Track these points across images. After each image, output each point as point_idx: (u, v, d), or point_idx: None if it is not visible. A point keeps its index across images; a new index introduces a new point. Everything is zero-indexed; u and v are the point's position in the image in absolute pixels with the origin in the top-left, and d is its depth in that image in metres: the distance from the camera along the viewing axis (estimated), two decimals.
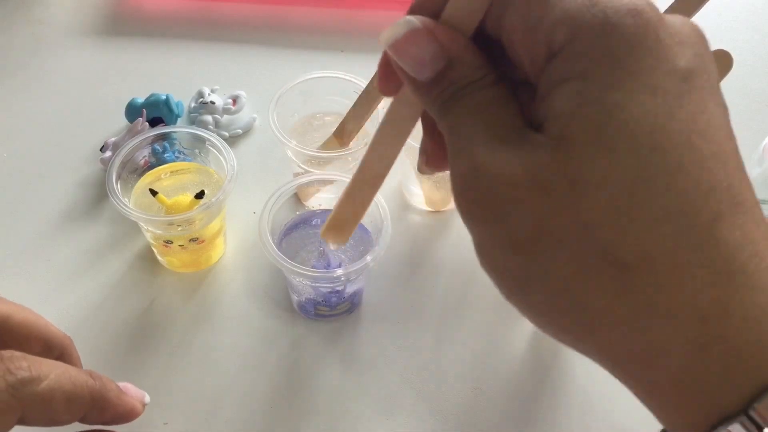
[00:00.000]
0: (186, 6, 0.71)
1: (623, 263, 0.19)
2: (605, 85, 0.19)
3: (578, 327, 0.21)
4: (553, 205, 0.19)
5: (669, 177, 0.19)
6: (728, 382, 0.19)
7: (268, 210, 0.45)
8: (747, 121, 0.62)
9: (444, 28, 0.22)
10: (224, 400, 0.44)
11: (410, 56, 0.22)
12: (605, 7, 0.19)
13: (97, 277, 0.50)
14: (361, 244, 0.47)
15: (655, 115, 0.19)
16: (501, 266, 0.22)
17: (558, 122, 0.20)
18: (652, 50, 0.19)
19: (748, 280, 0.19)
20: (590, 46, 0.19)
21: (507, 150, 0.20)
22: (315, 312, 0.47)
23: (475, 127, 0.21)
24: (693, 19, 0.43)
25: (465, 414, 0.44)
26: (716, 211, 0.19)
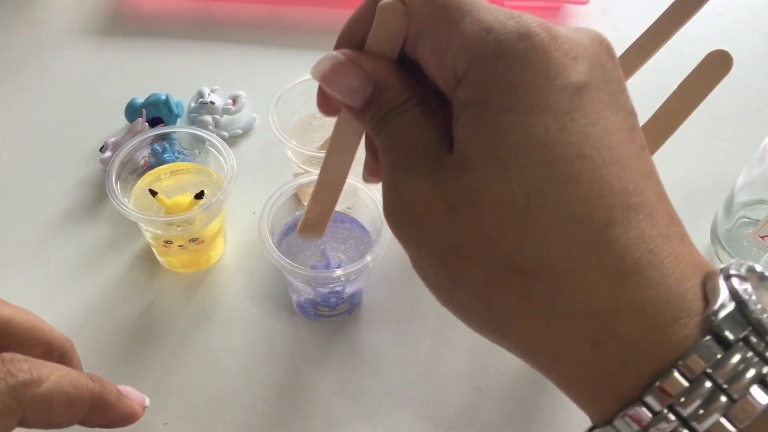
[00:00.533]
0: (186, 6, 0.71)
1: (524, 270, 0.21)
2: (499, 110, 0.21)
3: (497, 328, 0.23)
4: (460, 222, 0.21)
5: (559, 188, 0.20)
6: (624, 372, 0.20)
7: (268, 210, 0.45)
8: (747, 121, 0.62)
9: (367, 57, 0.24)
10: (224, 400, 0.44)
11: (339, 86, 0.24)
12: (498, 35, 0.21)
13: (97, 277, 0.50)
14: (361, 244, 0.47)
15: (544, 133, 0.20)
16: (429, 277, 0.24)
17: (459, 146, 0.22)
18: (541, 71, 0.21)
19: (640, 277, 0.20)
20: (485, 74, 0.21)
21: (421, 174, 0.22)
22: (314, 312, 0.47)
23: (396, 152, 0.23)
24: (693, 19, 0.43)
25: (465, 414, 0.44)
26: (608, 216, 0.20)
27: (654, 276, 0.20)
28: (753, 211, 0.49)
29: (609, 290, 0.20)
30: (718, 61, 0.39)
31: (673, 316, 0.20)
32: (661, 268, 0.20)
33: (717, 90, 0.39)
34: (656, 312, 0.20)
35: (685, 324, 0.20)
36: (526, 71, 0.21)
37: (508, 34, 0.21)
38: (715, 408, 0.19)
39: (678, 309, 0.20)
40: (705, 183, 0.56)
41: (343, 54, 0.24)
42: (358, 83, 0.24)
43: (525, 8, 0.70)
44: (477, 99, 0.21)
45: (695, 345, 0.19)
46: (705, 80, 0.40)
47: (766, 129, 0.55)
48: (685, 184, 0.55)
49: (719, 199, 0.51)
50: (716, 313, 0.20)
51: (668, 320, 0.20)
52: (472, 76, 0.22)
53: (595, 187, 0.20)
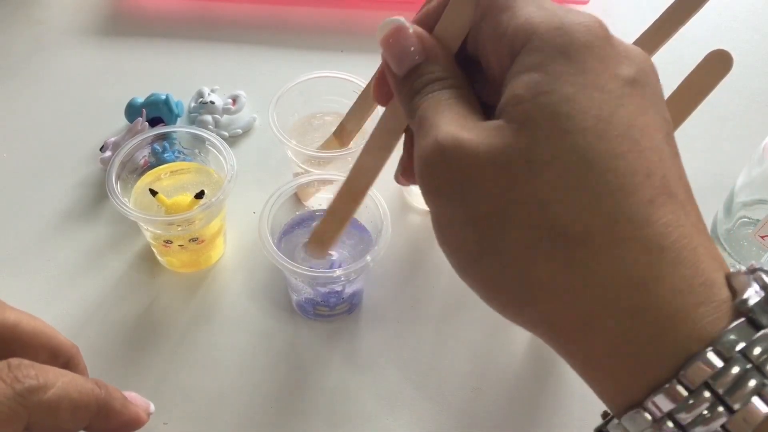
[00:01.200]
0: (186, 6, 0.71)
1: (569, 236, 0.21)
2: (559, 77, 0.22)
3: (522, 298, 0.23)
4: (510, 182, 0.21)
5: (612, 160, 0.21)
6: (658, 347, 0.21)
7: (268, 210, 0.45)
8: (747, 121, 0.62)
9: (428, 34, 0.26)
10: (224, 400, 0.44)
11: (394, 48, 0.26)
12: (562, 17, 0.23)
13: (97, 277, 0.50)
14: (361, 244, 0.47)
15: (599, 108, 0.21)
16: (457, 241, 0.24)
17: (518, 108, 0.22)
18: (599, 56, 0.22)
19: (676, 256, 0.21)
20: (547, 42, 0.22)
21: (470, 132, 0.23)
22: (314, 312, 0.47)
23: (440, 115, 0.24)
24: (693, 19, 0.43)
25: (465, 414, 0.44)
26: (651, 194, 0.21)
27: (689, 258, 0.21)
28: (753, 211, 0.49)
29: (650, 263, 0.21)
30: (718, 61, 0.39)
31: (706, 297, 0.21)
32: (695, 253, 0.21)
33: (717, 90, 0.39)
34: (691, 291, 0.21)
35: (717, 307, 0.21)
36: (585, 51, 0.22)
37: (572, 18, 0.23)
38: (747, 389, 0.20)
39: (710, 292, 0.21)
40: (705, 183, 0.56)
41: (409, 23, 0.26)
42: (409, 49, 0.25)
43: None
44: (535, 65, 0.22)
45: (730, 327, 0.20)
46: (705, 80, 0.40)
47: (766, 129, 0.55)
48: None
49: (719, 199, 0.51)
50: (746, 302, 0.20)
51: (702, 301, 0.20)
52: (532, 45, 0.22)
53: (643, 167, 0.21)
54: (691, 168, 0.60)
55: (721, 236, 0.50)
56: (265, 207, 0.45)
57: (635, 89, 0.22)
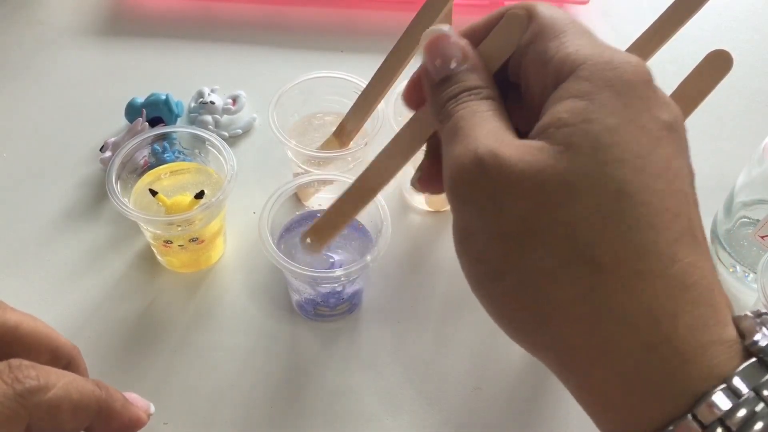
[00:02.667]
0: (186, 6, 0.71)
1: (597, 263, 0.21)
2: (606, 109, 0.22)
3: (537, 320, 0.23)
4: (546, 202, 0.22)
5: (645, 195, 0.21)
6: (672, 383, 0.21)
7: (267, 210, 0.45)
8: (747, 121, 0.62)
9: (470, 45, 0.26)
10: (224, 400, 0.44)
11: (435, 52, 0.26)
12: (612, 53, 0.23)
13: (97, 277, 0.50)
14: (361, 244, 0.47)
15: (639, 144, 0.22)
16: (480, 253, 0.23)
17: (561, 131, 0.22)
18: (643, 97, 0.23)
19: (697, 295, 0.21)
20: (595, 73, 0.23)
21: (509, 147, 0.23)
22: (315, 312, 0.47)
23: (478, 126, 0.24)
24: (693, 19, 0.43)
25: (465, 414, 0.44)
26: (678, 233, 0.22)
27: (706, 299, 0.21)
28: (753, 211, 0.49)
29: (670, 299, 0.21)
30: (718, 61, 0.39)
31: (719, 337, 0.21)
32: (712, 293, 0.22)
33: (717, 90, 0.39)
34: (706, 330, 0.21)
35: (730, 347, 0.21)
36: (632, 91, 0.23)
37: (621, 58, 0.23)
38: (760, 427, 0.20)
39: (723, 332, 0.21)
40: (705, 183, 0.56)
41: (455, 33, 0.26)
42: (450, 55, 0.26)
43: None
44: (583, 93, 0.22)
45: (742, 367, 0.20)
46: (705, 80, 0.40)
47: (766, 129, 0.55)
48: None
49: (719, 199, 0.51)
50: (756, 343, 0.21)
51: (715, 339, 0.21)
52: (580, 73, 0.23)
53: (673, 206, 0.22)
54: None
55: (721, 236, 0.50)
56: (265, 207, 0.45)
57: (671, 134, 0.23)
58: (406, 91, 0.29)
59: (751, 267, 0.48)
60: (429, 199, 0.54)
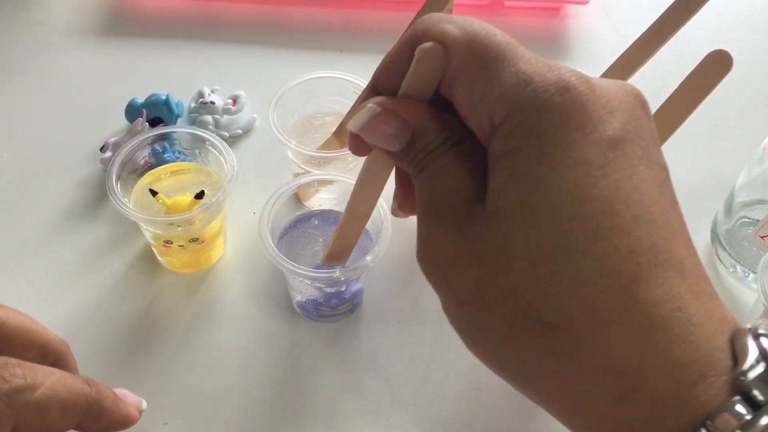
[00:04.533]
0: (186, 6, 0.71)
1: (546, 324, 0.21)
2: (532, 160, 0.21)
3: (518, 378, 0.23)
4: (484, 271, 0.22)
5: (587, 243, 0.20)
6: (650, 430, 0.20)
7: (268, 210, 0.44)
8: (747, 121, 0.62)
9: (403, 103, 0.25)
10: (224, 400, 0.44)
11: (378, 135, 0.25)
12: (536, 87, 0.21)
13: (97, 277, 0.50)
14: (362, 244, 0.47)
15: (575, 186, 0.21)
16: (455, 321, 0.24)
17: (491, 195, 0.22)
18: (578, 124, 0.21)
19: (667, 335, 0.20)
20: (522, 124, 0.21)
21: (451, 223, 0.23)
22: (316, 312, 0.47)
23: (431, 197, 0.24)
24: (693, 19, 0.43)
25: (465, 414, 0.44)
26: (635, 272, 0.20)
27: (681, 333, 0.20)
28: (753, 211, 0.49)
29: (633, 347, 0.20)
30: (718, 61, 0.39)
31: (701, 374, 0.20)
32: (688, 325, 0.20)
33: (717, 90, 0.39)
34: (683, 370, 0.20)
35: (713, 383, 0.20)
36: (563, 124, 0.21)
37: (547, 86, 0.21)
38: None
39: (706, 367, 0.20)
40: (705, 183, 0.56)
41: (379, 104, 0.25)
42: (395, 130, 0.24)
43: (525, 9, 0.70)
44: (511, 149, 0.22)
45: (724, 404, 0.19)
46: (705, 80, 0.40)
47: (766, 129, 0.55)
48: (685, 184, 0.55)
49: (719, 199, 0.51)
50: (745, 373, 0.19)
51: (696, 378, 0.20)
52: (508, 126, 0.22)
53: (624, 243, 0.20)
54: (691, 168, 0.60)
55: (721, 236, 0.50)
56: (265, 207, 0.45)
57: (620, 149, 0.21)
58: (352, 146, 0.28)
59: (751, 267, 0.48)
60: None
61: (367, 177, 0.29)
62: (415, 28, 0.25)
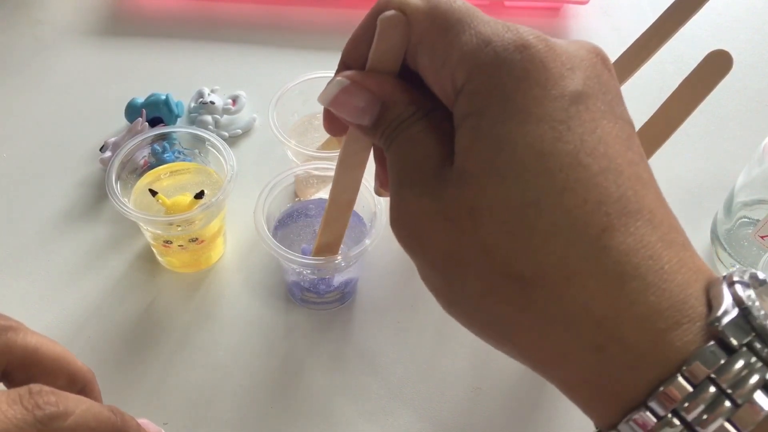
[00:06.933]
0: (186, 6, 0.71)
1: (521, 278, 0.21)
2: (496, 120, 0.21)
3: (498, 335, 0.23)
4: (457, 232, 0.22)
5: (555, 197, 0.21)
6: (627, 377, 0.20)
7: (263, 200, 0.45)
8: (747, 121, 0.62)
9: (371, 76, 0.25)
10: (225, 400, 0.44)
11: (348, 109, 0.25)
12: (495, 46, 0.22)
13: (97, 277, 0.50)
14: (355, 230, 0.47)
15: (541, 142, 0.21)
16: (431, 285, 0.24)
17: (459, 157, 0.22)
18: (539, 81, 0.21)
19: (640, 283, 0.20)
20: (483, 84, 0.22)
21: (422, 188, 0.23)
22: (301, 297, 0.48)
23: (401, 167, 0.24)
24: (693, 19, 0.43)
25: (465, 414, 0.44)
26: (605, 222, 0.20)
27: (654, 281, 0.20)
28: (753, 211, 0.49)
29: (608, 296, 0.20)
30: (718, 61, 0.39)
31: (676, 321, 0.20)
32: (661, 273, 0.20)
33: (717, 90, 0.39)
34: (658, 317, 0.20)
35: (687, 329, 0.20)
36: (523, 81, 0.21)
37: (506, 45, 0.22)
38: (719, 413, 0.19)
39: (680, 314, 0.20)
40: (705, 183, 0.56)
41: (348, 77, 0.25)
42: (365, 103, 0.25)
43: (525, 8, 0.70)
44: (474, 109, 0.22)
45: (699, 350, 0.19)
46: (705, 80, 0.40)
47: (766, 129, 0.55)
48: (685, 184, 0.55)
49: (719, 199, 0.51)
50: (719, 319, 0.20)
51: (670, 325, 0.20)
52: (470, 87, 0.22)
53: (592, 195, 0.21)
54: (691, 168, 0.60)
55: (721, 236, 0.50)
56: (260, 195, 0.45)
57: (582, 104, 0.21)
58: (327, 125, 0.28)
59: (751, 267, 0.48)
60: None
61: (346, 160, 0.29)
62: (380, 2, 0.25)
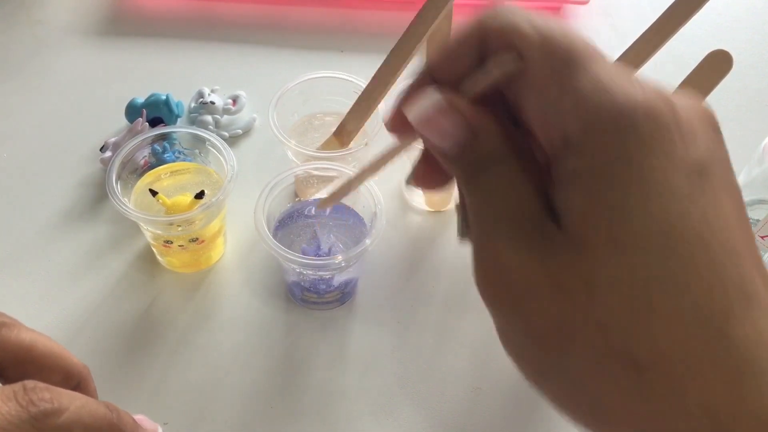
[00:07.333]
0: (186, 6, 0.71)
1: (636, 361, 0.19)
2: (618, 187, 0.20)
3: (595, 420, 0.21)
4: (569, 303, 0.20)
5: (681, 276, 0.19)
6: None
7: (263, 198, 0.45)
8: (747, 121, 0.62)
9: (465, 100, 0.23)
10: (225, 400, 0.44)
11: (436, 128, 0.23)
12: (621, 104, 0.20)
13: (97, 277, 0.50)
14: (355, 231, 0.48)
15: (667, 217, 0.19)
16: (520, 353, 0.23)
17: (574, 221, 0.20)
18: (664, 149, 0.20)
19: (760, 378, 0.19)
20: (603, 144, 0.20)
21: (527, 245, 0.21)
22: (302, 297, 0.48)
23: (497, 213, 0.22)
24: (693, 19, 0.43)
25: (465, 414, 0.44)
26: (727, 308, 0.19)
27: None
28: (753, 211, 0.49)
29: (727, 390, 0.19)
30: (718, 60, 0.39)
31: None
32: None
33: (717, 90, 0.39)
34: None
35: None
36: (648, 148, 0.20)
37: (631, 105, 0.20)
38: None
39: None
40: None
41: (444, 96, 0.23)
42: (454, 127, 0.23)
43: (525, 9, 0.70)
44: (591, 170, 0.20)
45: None
46: (705, 80, 0.40)
47: (766, 129, 0.55)
48: None
49: None
50: None
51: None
52: (587, 143, 0.20)
53: (716, 278, 0.19)
54: None
55: None
56: (261, 194, 0.45)
57: (704, 176, 0.20)
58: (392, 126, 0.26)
59: None
60: (429, 200, 0.54)
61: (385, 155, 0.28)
62: (486, 21, 0.23)
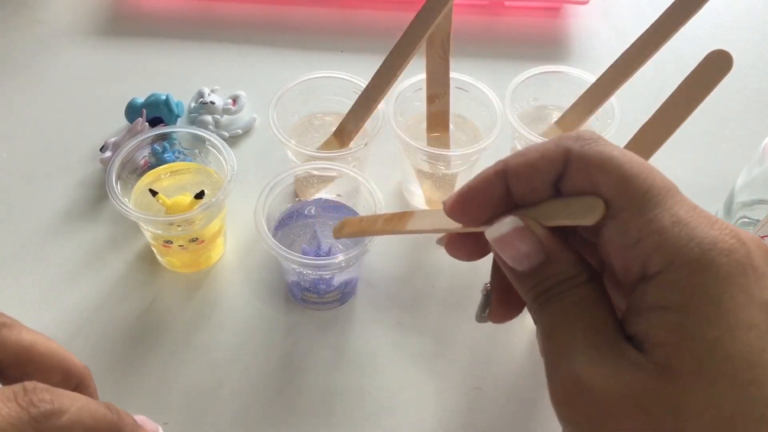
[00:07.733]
0: (186, 6, 0.71)
1: None
2: (704, 321, 0.21)
3: None
4: (654, 426, 0.21)
5: (764, 408, 0.20)
6: None
7: (263, 198, 0.45)
8: (747, 121, 0.62)
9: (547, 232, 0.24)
10: (225, 399, 0.44)
11: (512, 249, 0.24)
12: (700, 242, 0.21)
13: (97, 277, 0.50)
14: None
15: (749, 350, 0.21)
16: None
17: (661, 351, 0.21)
18: (743, 287, 0.21)
19: None
20: (686, 279, 0.21)
21: (607, 365, 0.22)
22: (302, 297, 0.48)
23: (573, 333, 0.23)
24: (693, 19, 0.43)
25: (465, 414, 0.44)
26: None
27: None
28: (753, 211, 0.49)
29: None
30: (718, 61, 0.39)
31: None
32: None
33: (717, 90, 0.39)
34: None
35: None
36: (729, 285, 0.21)
37: (712, 244, 0.21)
38: None
39: None
40: (705, 183, 0.56)
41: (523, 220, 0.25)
42: (529, 249, 0.24)
43: (525, 8, 0.70)
44: (675, 304, 0.21)
45: None
46: (705, 80, 0.40)
47: (766, 129, 0.55)
48: (685, 184, 0.55)
49: (719, 199, 0.51)
50: None
51: None
52: (669, 278, 0.22)
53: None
54: (691, 168, 0.60)
55: None
56: (261, 194, 0.45)
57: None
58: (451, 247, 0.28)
59: None
60: (429, 199, 0.54)
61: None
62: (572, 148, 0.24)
